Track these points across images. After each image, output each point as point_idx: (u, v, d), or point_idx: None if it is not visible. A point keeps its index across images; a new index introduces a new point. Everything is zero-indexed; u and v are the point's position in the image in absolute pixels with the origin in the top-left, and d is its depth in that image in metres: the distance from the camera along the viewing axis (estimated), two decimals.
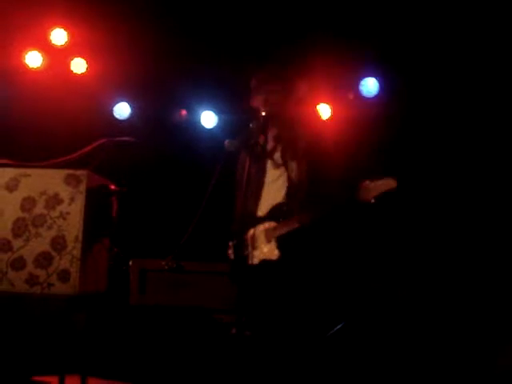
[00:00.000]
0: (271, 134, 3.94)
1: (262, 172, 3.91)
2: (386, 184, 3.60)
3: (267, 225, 3.80)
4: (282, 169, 3.89)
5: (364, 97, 5.80)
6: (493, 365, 4.66)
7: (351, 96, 5.77)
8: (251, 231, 3.81)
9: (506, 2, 5.19)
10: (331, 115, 5.88)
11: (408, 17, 5.46)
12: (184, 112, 5.28)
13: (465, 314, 5.07)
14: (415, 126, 5.51)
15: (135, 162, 5.55)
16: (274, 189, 3.88)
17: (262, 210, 3.86)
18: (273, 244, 3.76)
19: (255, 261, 3.73)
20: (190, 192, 5.31)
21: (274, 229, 3.77)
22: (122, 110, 6.11)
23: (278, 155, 3.93)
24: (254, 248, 3.79)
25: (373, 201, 3.59)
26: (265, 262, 3.74)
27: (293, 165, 3.88)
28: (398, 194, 3.59)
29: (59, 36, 5.91)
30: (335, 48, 5.52)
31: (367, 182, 3.62)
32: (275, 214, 3.82)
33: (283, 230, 3.74)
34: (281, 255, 3.72)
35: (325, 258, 4.03)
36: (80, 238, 3.78)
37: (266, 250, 3.77)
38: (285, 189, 3.86)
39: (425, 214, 5.50)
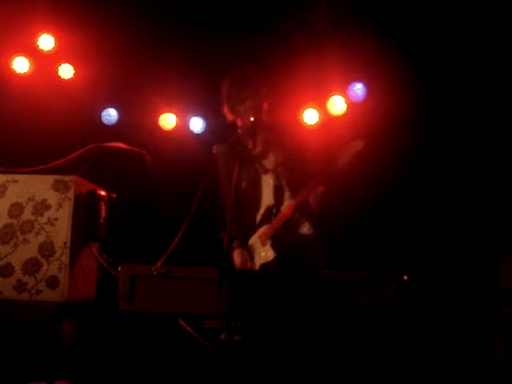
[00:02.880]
0: (260, 138, 3.94)
1: (255, 179, 3.92)
2: (354, 146, 3.59)
3: (261, 230, 3.82)
4: (272, 173, 3.91)
5: (352, 101, 5.83)
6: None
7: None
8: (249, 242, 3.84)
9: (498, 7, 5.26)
10: (318, 120, 5.90)
11: (397, 21, 5.50)
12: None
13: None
14: (404, 130, 5.54)
15: (123, 167, 5.54)
16: (268, 194, 3.89)
17: (260, 216, 3.89)
18: (268, 246, 3.77)
19: (256, 268, 3.75)
20: (179, 197, 5.32)
21: (265, 231, 3.78)
22: (110, 116, 6.10)
23: (267, 160, 3.94)
24: (252, 257, 3.81)
25: (345, 168, 3.57)
26: (263, 267, 3.74)
27: (280, 169, 3.89)
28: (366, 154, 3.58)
29: (46, 42, 5.89)
30: (323, 52, 5.55)
31: (336, 153, 3.61)
32: (267, 217, 3.83)
33: (273, 229, 3.75)
34: (276, 254, 3.73)
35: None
36: (68, 244, 3.77)
37: (263, 253, 3.78)
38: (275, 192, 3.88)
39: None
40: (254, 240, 3.82)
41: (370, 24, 5.46)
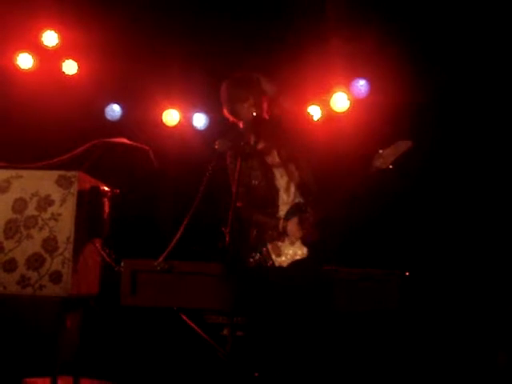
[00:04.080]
0: (263, 134, 3.94)
1: (268, 176, 3.92)
2: (402, 145, 3.59)
3: (287, 227, 3.81)
4: (282, 169, 3.91)
5: (355, 98, 5.83)
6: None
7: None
8: (271, 242, 3.84)
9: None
10: (321, 116, 5.91)
11: (400, 17, 5.49)
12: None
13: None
14: (402, 128, 5.53)
15: (127, 163, 5.55)
16: (286, 191, 3.90)
17: (282, 212, 3.89)
18: (297, 245, 3.78)
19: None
20: (182, 192, 5.32)
21: (296, 228, 3.79)
22: (114, 111, 6.12)
23: (274, 157, 3.94)
24: (278, 255, 3.81)
25: (391, 166, 3.59)
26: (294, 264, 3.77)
27: (292, 166, 3.90)
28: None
29: (50, 38, 5.91)
30: (326, 49, 5.55)
31: (380, 152, 3.61)
32: (295, 213, 3.84)
33: (305, 227, 3.76)
34: (308, 252, 3.74)
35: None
36: (71, 239, 3.77)
37: (291, 251, 3.79)
38: (292, 189, 3.88)
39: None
40: (283, 238, 3.84)
41: (373, 20, 5.46)
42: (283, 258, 3.81)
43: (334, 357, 4.33)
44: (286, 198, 3.90)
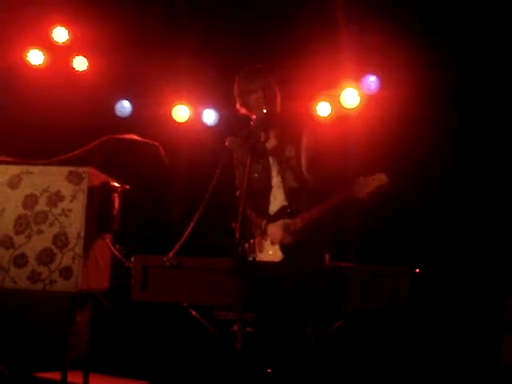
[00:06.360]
0: (273, 131, 3.94)
1: (267, 171, 3.92)
2: (378, 180, 3.57)
3: (272, 228, 3.81)
4: (279, 167, 3.91)
5: (365, 94, 5.82)
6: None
7: None
8: (257, 237, 3.84)
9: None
10: (331, 113, 5.89)
11: (410, 12, 5.47)
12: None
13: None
14: (413, 124, 5.51)
15: (137, 159, 5.55)
16: (280, 193, 3.90)
17: (271, 211, 3.88)
18: (276, 247, 3.78)
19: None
20: (192, 188, 5.33)
21: (279, 230, 3.79)
22: (124, 108, 6.13)
23: (278, 154, 3.93)
24: (260, 251, 3.82)
25: (366, 197, 3.56)
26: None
27: (288, 167, 3.89)
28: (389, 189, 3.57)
29: (61, 34, 5.93)
30: (336, 45, 5.53)
31: (360, 178, 3.59)
32: (280, 215, 3.83)
33: (284, 233, 3.76)
34: (284, 257, 3.75)
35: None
36: (82, 235, 3.78)
37: (271, 252, 3.79)
38: (282, 189, 3.88)
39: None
40: (266, 236, 3.83)
41: (383, 15, 5.44)
42: (264, 255, 3.82)
43: (344, 354, 4.32)
44: (277, 198, 3.90)
